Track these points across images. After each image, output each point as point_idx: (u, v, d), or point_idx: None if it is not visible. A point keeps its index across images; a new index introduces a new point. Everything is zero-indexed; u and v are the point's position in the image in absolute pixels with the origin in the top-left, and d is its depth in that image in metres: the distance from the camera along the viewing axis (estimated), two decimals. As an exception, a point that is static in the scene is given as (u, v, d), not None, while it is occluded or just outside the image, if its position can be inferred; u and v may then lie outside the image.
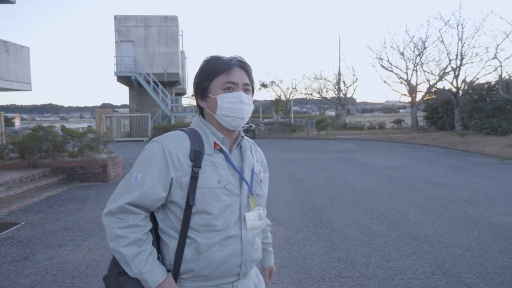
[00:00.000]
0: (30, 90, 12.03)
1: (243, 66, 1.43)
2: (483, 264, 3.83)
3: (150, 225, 1.35)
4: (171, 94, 26.49)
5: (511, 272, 3.63)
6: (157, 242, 1.37)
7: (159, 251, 1.36)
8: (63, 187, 8.17)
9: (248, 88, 1.43)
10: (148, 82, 24.01)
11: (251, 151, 1.50)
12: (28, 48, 11.99)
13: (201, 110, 1.47)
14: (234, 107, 1.36)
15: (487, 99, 20.72)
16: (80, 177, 8.82)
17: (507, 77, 19.53)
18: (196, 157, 1.32)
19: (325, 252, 4.23)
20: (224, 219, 1.33)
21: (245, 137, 1.52)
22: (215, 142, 1.38)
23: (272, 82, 35.07)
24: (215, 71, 1.38)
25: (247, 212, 1.38)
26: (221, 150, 1.38)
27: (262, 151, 1.63)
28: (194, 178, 1.30)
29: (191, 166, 1.31)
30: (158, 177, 1.30)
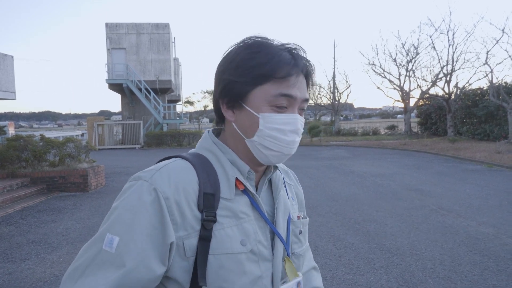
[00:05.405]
0: (14, 99, 11.92)
1: (309, 73, 0.89)
2: (452, 278, 3.71)
3: None
4: (163, 101, 26.41)
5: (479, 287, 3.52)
6: None
7: None
8: (41, 198, 8.03)
9: (304, 107, 0.90)
10: (140, 90, 23.95)
11: (284, 185, 1.00)
12: (12, 56, 11.90)
13: (220, 120, 0.93)
14: (283, 138, 0.84)
15: (479, 105, 20.69)
16: (60, 187, 8.69)
17: (498, 83, 19.50)
18: (209, 204, 0.81)
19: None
20: None
21: (279, 165, 1.00)
22: (237, 179, 0.86)
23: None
24: (267, 73, 0.82)
25: (282, 285, 0.88)
26: (245, 191, 0.87)
27: (298, 178, 1.12)
28: (205, 239, 0.79)
29: (200, 220, 0.80)
30: (150, 244, 0.76)
